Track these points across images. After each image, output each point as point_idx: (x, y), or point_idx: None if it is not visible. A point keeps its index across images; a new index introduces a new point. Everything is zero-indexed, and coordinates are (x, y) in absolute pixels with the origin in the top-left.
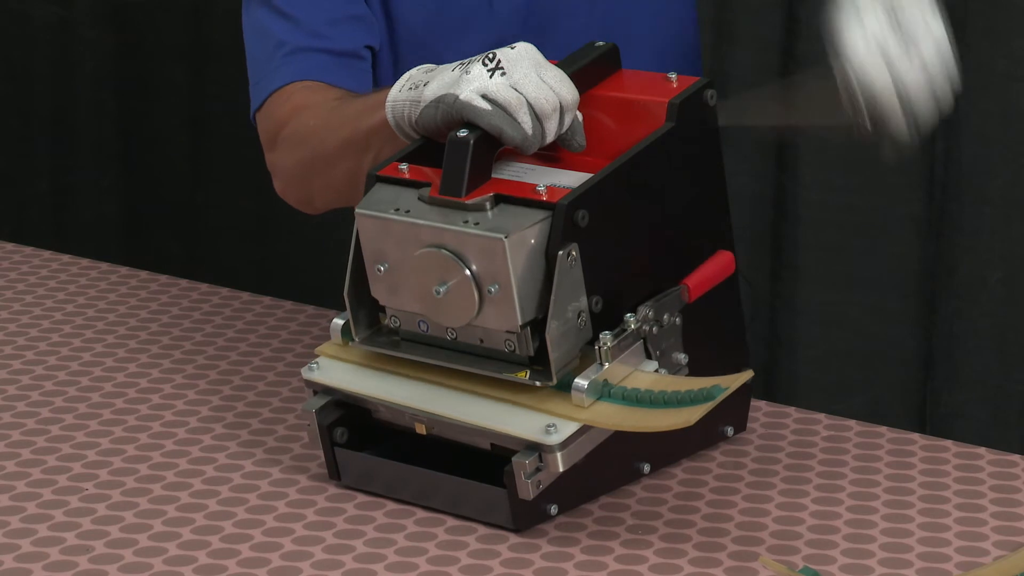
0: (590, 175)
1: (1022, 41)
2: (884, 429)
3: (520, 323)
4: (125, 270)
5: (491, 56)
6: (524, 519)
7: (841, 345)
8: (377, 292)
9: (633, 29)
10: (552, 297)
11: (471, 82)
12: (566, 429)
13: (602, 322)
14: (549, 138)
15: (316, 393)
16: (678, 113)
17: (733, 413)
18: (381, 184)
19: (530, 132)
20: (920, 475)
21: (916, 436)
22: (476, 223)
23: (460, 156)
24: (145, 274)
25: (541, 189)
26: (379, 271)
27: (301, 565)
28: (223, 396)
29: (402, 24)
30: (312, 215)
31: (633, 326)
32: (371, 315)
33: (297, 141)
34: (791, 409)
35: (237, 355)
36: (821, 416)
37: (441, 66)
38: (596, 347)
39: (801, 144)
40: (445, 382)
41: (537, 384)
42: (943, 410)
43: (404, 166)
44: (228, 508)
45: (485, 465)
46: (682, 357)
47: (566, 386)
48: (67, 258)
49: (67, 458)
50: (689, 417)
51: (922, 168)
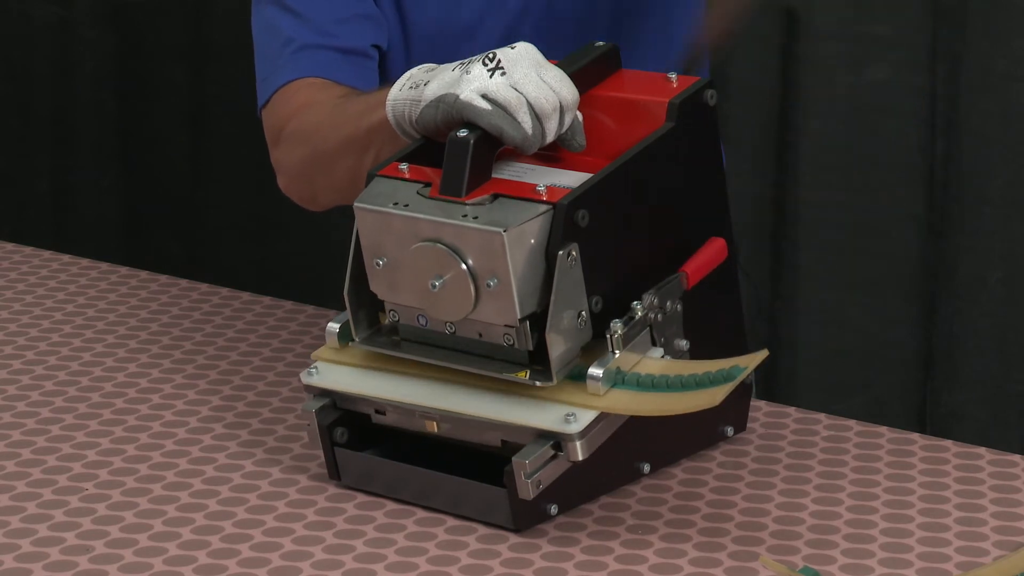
0: (590, 175)
1: (1022, 41)
2: (884, 429)
3: (519, 317)
4: (125, 270)
5: (491, 56)
6: (524, 519)
7: (841, 345)
8: (376, 287)
9: (642, 24)
10: (552, 297)
11: (471, 82)
12: (585, 417)
13: (602, 322)
14: (549, 138)
15: (315, 397)
16: (678, 113)
17: (733, 413)
18: (380, 178)
19: (530, 132)
20: (920, 475)
21: (916, 436)
22: (475, 217)
23: (460, 156)
24: (145, 274)
25: (541, 189)
26: (378, 265)
27: (301, 565)
28: (223, 396)
29: (415, 23)
30: (314, 212)
31: (640, 313)
32: (371, 315)
33: (300, 138)
34: (791, 409)
35: (237, 355)
36: (821, 416)
37: (441, 66)
38: (607, 335)
39: (801, 144)
40: (450, 378)
41: (537, 384)
42: (943, 410)
43: (404, 166)
44: (228, 508)
45: (485, 465)
46: (683, 343)
47: (577, 377)
48: (67, 258)
49: (67, 458)
50: (713, 398)
51: (922, 168)
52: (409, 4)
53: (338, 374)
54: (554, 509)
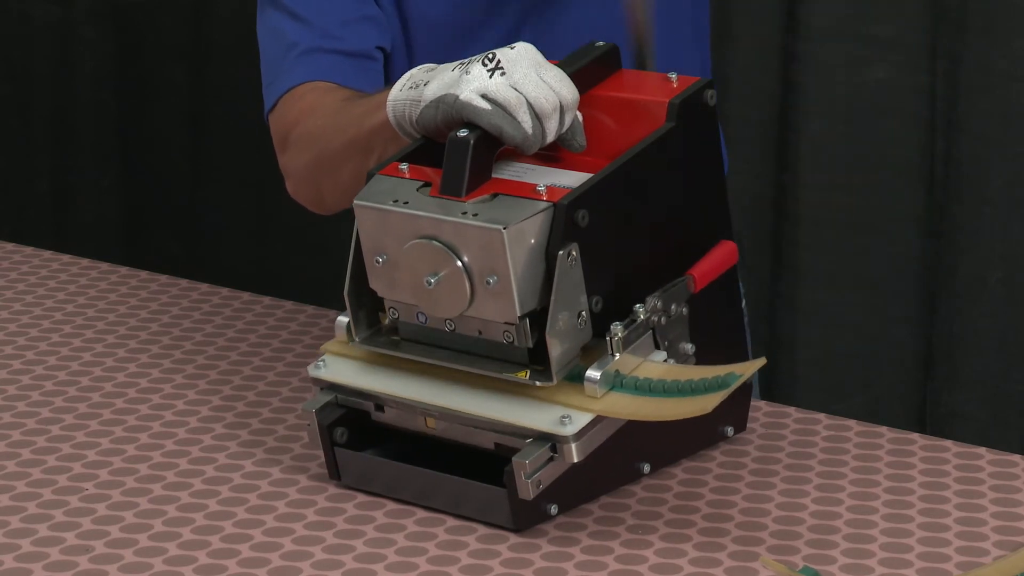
0: (590, 175)
1: (1022, 41)
2: (884, 429)
3: (519, 314)
4: (125, 270)
5: (491, 56)
6: (524, 519)
7: (841, 345)
8: (376, 284)
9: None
10: (552, 297)
11: (471, 82)
12: (580, 420)
13: (602, 322)
14: (549, 138)
15: (322, 390)
16: (678, 113)
17: (733, 413)
18: (381, 177)
19: (530, 132)
20: (920, 475)
21: (916, 436)
22: (475, 214)
23: (460, 156)
24: (145, 274)
25: (541, 189)
26: (378, 262)
27: (301, 565)
28: (223, 396)
29: (417, 23)
30: (314, 213)
31: (642, 316)
32: (371, 315)
33: (306, 143)
34: (791, 409)
35: (237, 355)
36: (821, 416)
37: (441, 66)
38: (607, 338)
39: (801, 144)
40: (454, 377)
41: (537, 384)
42: (943, 410)
43: (404, 166)
44: (228, 508)
45: (485, 465)
46: (689, 347)
47: (575, 378)
48: (67, 258)
49: (67, 458)
50: (705, 405)
51: (922, 168)
52: (410, 5)
53: (346, 368)
54: (554, 509)
